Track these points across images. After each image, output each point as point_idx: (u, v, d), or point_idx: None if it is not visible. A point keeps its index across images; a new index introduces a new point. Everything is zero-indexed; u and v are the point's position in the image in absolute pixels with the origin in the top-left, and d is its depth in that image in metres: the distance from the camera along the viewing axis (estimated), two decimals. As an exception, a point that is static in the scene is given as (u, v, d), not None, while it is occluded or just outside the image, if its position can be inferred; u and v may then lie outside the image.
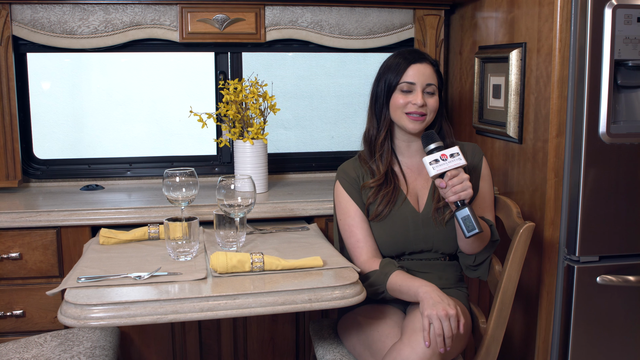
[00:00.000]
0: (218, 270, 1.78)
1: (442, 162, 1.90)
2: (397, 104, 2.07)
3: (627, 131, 2.28)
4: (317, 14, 2.90)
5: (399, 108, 2.07)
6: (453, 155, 1.91)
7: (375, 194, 2.10)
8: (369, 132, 2.17)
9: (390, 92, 2.09)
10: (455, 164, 1.90)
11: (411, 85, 2.06)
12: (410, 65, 2.06)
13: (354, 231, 2.10)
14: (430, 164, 1.91)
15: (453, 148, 1.92)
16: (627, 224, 2.34)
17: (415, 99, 2.04)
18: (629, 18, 2.22)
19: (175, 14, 2.79)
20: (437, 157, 1.91)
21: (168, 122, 3.18)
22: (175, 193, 2.07)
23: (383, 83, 2.10)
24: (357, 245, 2.09)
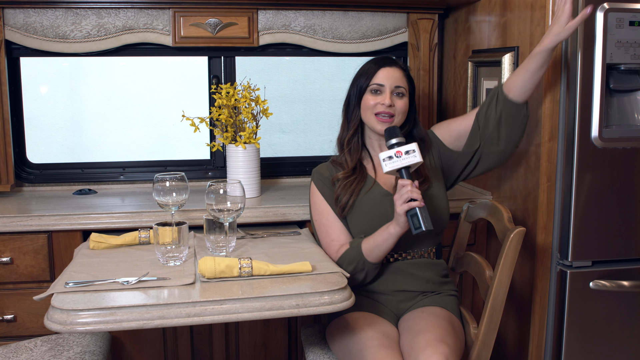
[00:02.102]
0: (206, 276, 1.78)
1: (395, 159, 1.92)
2: (367, 105, 2.15)
3: (620, 135, 2.27)
4: (310, 18, 2.90)
5: (368, 109, 2.15)
6: (408, 153, 1.92)
7: (342, 187, 2.16)
8: (341, 135, 2.27)
9: (361, 94, 2.18)
10: (409, 162, 1.92)
11: (380, 87, 2.14)
12: (380, 69, 2.16)
13: (329, 231, 2.15)
14: (383, 161, 1.93)
15: (410, 145, 1.94)
16: (620, 228, 2.33)
17: (384, 99, 2.12)
18: (620, 22, 2.21)
19: (167, 18, 2.79)
20: (391, 154, 1.93)
21: (165, 126, 3.18)
22: (166, 198, 2.06)
23: (355, 87, 2.20)
24: (332, 244, 2.14)
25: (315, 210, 2.20)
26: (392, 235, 1.97)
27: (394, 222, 1.96)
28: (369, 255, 2.03)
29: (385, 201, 2.13)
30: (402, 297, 2.13)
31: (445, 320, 2.01)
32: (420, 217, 1.86)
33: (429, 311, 2.05)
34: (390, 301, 2.14)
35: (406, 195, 1.88)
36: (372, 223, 2.10)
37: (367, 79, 2.17)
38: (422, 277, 2.15)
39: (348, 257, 2.05)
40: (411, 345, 1.88)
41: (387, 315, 2.09)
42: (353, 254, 2.05)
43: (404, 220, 1.91)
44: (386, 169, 1.93)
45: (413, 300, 2.13)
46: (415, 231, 1.87)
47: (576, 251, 2.30)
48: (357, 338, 1.95)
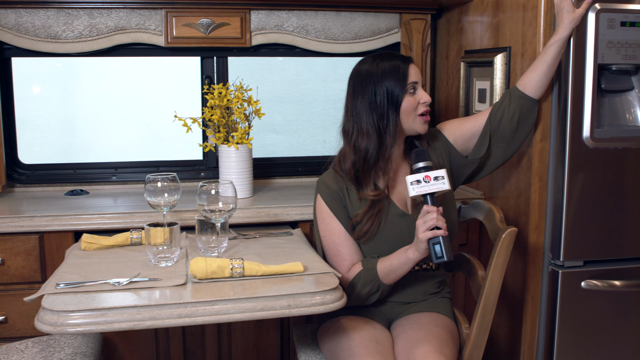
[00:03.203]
0: (197, 276, 1.77)
1: (424, 184, 1.86)
2: (410, 108, 1.99)
3: (611, 135, 2.28)
4: (303, 19, 2.90)
5: (412, 111, 2.00)
6: (437, 179, 1.86)
7: (366, 212, 2.01)
8: (369, 147, 1.99)
9: (399, 98, 1.97)
10: (437, 188, 1.86)
11: (415, 85, 1.99)
12: (410, 65, 2.00)
13: (340, 250, 2.03)
14: (411, 184, 1.87)
15: (440, 171, 1.86)
16: (611, 228, 2.34)
17: (423, 97, 1.99)
18: (612, 22, 2.22)
19: (160, 19, 2.78)
20: (419, 178, 1.86)
21: (159, 127, 3.17)
22: (157, 198, 2.06)
23: (384, 90, 1.97)
24: (343, 264, 2.03)
25: (323, 227, 2.06)
26: (410, 261, 1.90)
27: (413, 247, 1.88)
28: (385, 278, 1.96)
29: (400, 223, 2.04)
30: (396, 304, 2.12)
31: (442, 328, 2.00)
32: (442, 247, 1.81)
33: (426, 319, 2.03)
34: (384, 307, 2.12)
35: (431, 222, 1.81)
36: (387, 245, 2.02)
37: (402, 79, 1.97)
38: (420, 288, 2.12)
39: (363, 279, 1.97)
40: (409, 356, 1.87)
41: (379, 319, 2.08)
42: (368, 276, 1.97)
43: (425, 247, 1.84)
44: (413, 193, 1.86)
45: (407, 306, 2.12)
46: (436, 260, 1.82)
47: (568, 251, 2.30)
48: (346, 344, 1.93)
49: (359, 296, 1.99)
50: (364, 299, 2.01)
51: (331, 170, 2.09)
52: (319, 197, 2.06)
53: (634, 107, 2.34)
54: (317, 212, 2.08)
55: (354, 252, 2.03)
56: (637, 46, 2.24)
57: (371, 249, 2.03)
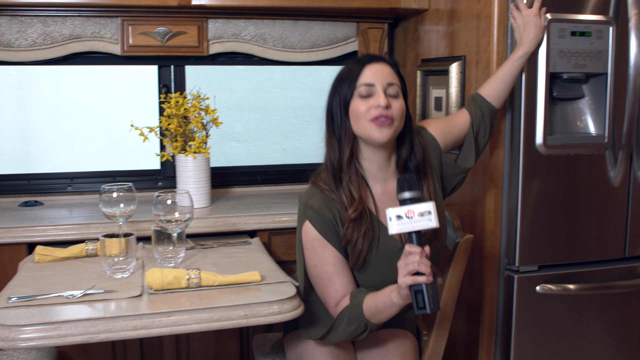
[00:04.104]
0: (154, 287, 1.75)
1: (406, 220, 1.58)
2: (359, 112, 1.77)
3: (563, 142, 2.32)
4: (261, 27, 2.90)
5: (361, 116, 1.77)
6: (423, 215, 1.58)
7: (353, 230, 1.79)
8: (331, 157, 1.85)
9: (347, 102, 1.80)
10: (422, 226, 1.59)
11: (370, 88, 1.77)
12: (366, 66, 1.79)
13: (334, 280, 1.82)
14: (390, 220, 1.59)
15: (427, 204, 1.58)
16: (565, 233, 2.38)
17: (378, 100, 1.75)
18: (563, 32, 2.27)
19: (116, 27, 2.76)
20: (401, 213, 1.58)
21: (117, 135, 3.13)
22: (113, 209, 2.04)
23: (338, 97, 1.82)
24: (335, 295, 1.82)
25: (315, 257, 1.83)
26: (394, 305, 1.67)
27: (397, 290, 1.64)
28: (372, 318, 1.74)
29: (395, 253, 1.80)
30: None
31: (408, 350, 1.97)
32: (425, 296, 1.55)
33: (392, 342, 1.97)
34: None
35: (412, 266, 1.55)
36: (383, 281, 1.78)
37: (351, 81, 1.79)
38: None
39: (348, 316, 1.77)
40: None
41: None
42: (354, 314, 1.76)
43: (406, 294, 1.59)
44: (392, 230, 1.59)
45: None
46: (417, 311, 1.57)
47: (523, 256, 2.34)
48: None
49: (345, 333, 1.80)
50: (349, 335, 1.81)
51: (313, 189, 1.87)
52: (308, 224, 1.82)
53: (584, 114, 2.39)
54: (306, 240, 1.84)
55: (349, 282, 1.83)
56: (586, 55, 2.30)
57: (364, 284, 1.85)
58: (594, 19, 2.31)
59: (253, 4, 2.66)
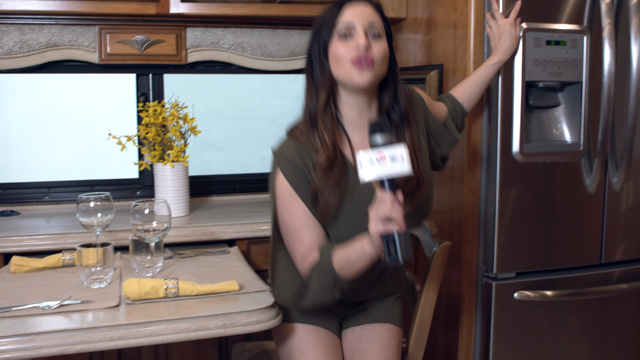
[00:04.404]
0: (131, 297, 1.74)
1: (377, 164, 1.48)
2: (338, 54, 1.69)
3: (539, 150, 2.35)
4: (239, 36, 2.90)
5: (341, 58, 1.69)
6: (395, 159, 1.48)
7: (323, 178, 1.70)
8: (308, 104, 1.78)
9: (326, 44, 1.72)
10: (393, 172, 1.49)
11: (350, 28, 1.68)
12: (346, 5, 1.71)
13: (300, 235, 1.75)
14: (360, 164, 1.49)
15: (397, 149, 1.48)
16: (542, 240, 2.41)
17: (358, 40, 1.67)
18: (538, 41, 2.29)
19: (94, 35, 2.74)
20: (372, 157, 1.48)
21: (96, 144, 3.11)
22: (90, 218, 2.02)
23: (317, 40, 1.74)
24: (301, 249, 1.76)
25: (283, 207, 1.77)
26: (366, 255, 1.58)
27: (369, 240, 1.56)
28: (341, 272, 1.65)
29: (370, 196, 1.63)
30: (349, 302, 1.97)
31: (394, 346, 1.94)
32: (397, 245, 1.46)
33: (379, 338, 1.93)
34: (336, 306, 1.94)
35: (383, 213, 1.47)
36: (360, 229, 1.64)
37: (330, 21, 1.70)
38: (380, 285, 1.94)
39: (319, 271, 1.70)
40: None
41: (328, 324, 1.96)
42: (324, 268, 1.68)
43: (378, 243, 1.51)
44: (363, 176, 1.49)
45: (362, 306, 1.99)
46: (389, 261, 1.48)
47: (500, 263, 2.36)
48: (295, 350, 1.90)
49: (319, 291, 1.73)
50: (322, 293, 1.73)
51: (288, 139, 1.81)
52: (279, 173, 1.76)
53: (560, 122, 2.42)
54: (277, 190, 1.78)
55: (317, 236, 1.75)
56: (561, 64, 2.33)
57: (340, 236, 1.75)
58: (568, 28, 2.34)
59: (232, 12, 2.66)
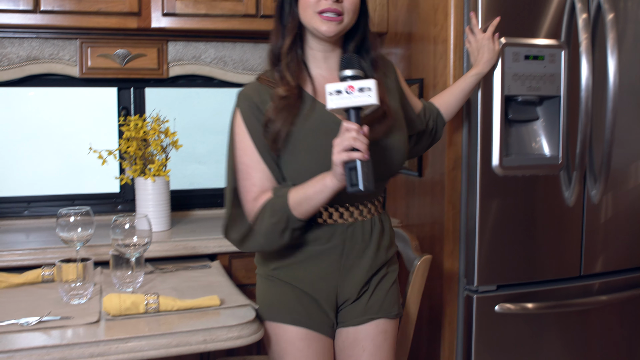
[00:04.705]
0: (111, 313, 1.73)
1: (345, 95, 1.53)
2: (307, 2, 1.70)
3: (519, 164, 2.37)
4: (221, 50, 2.91)
5: (309, 6, 1.70)
6: (363, 90, 1.53)
7: (274, 110, 1.71)
8: (273, 45, 1.79)
9: None
10: (361, 102, 1.53)
11: None
12: None
13: (250, 173, 1.75)
14: (330, 95, 1.54)
15: (366, 81, 1.54)
16: (523, 253, 2.42)
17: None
18: (517, 56, 2.32)
19: (75, 49, 2.74)
20: (340, 88, 1.54)
21: (77, 158, 3.09)
22: (70, 233, 2.01)
23: None
24: (252, 189, 1.75)
25: (236, 144, 1.77)
26: (327, 188, 1.60)
27: (331, 172, 1.58)
28: (296, 208, 1.65)
29: (334, 129, 1.62)
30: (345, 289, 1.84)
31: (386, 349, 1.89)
32: (359, 173, 1.49)
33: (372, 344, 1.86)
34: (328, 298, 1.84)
35: (348, 142, 1.50)
36: (319, 161, 1.67)
37: None
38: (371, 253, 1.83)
39: (271, 208, 1.68)
40: None
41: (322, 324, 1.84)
42: (277, 204, 1.67)
43: (340, 172, 1.53)
44: (331, 105, 1.54)
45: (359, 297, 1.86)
46: (350, 189, 1.51)
47: (481, 276, 2.37)
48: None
49: (266, 228, 1.71)
50: (270, 233, 1.71)
51: (252, 81, 1.83)
52: (237, 111, 1.78)
53: (539, 135, 2.45)
54: (234, 127, 1.79)
55: (267, 178, 1.74)
56: (540, 78, 2.35)
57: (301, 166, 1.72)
58: (546, 43, 2.37)
59: (213, 27, 2.67)
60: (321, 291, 1.82)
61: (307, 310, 1.82)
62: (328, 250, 1.79)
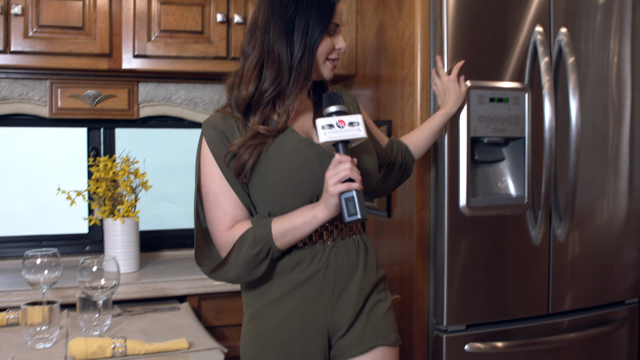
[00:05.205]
0: (77, 358, 1.71)
1: (337, 129, 1.59)
2: (326, 50, 1.71)
3: (485, 204, 2.40)
4: (192, 91, 2.93)
5: (324, 54, 1.71)
6: (353, 125, 1.59)
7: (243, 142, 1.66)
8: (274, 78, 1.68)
9: (319, 35, 1.69)
10: (352, 135, 1.59)
11: (337, 27, 1.73)
12: (336, 5, 1.71)
13: (220, 202, 1.69)
14: (322, 128, 1.58)
15: (355, 116, 1.60)
16: (491, 292, 2.44)
17: (340, 43, 1.73)
18: (482, 98, 2.37)
19: (45, 89, 2.74)
20: (332, 122, 1.59)
21: (46, 198, 3.07)
22: (37, 275, 1.99)
23: (306, 20, 1.67)
24: (224, 218, 1.69)
25: (204, 174, 1.72)
26: (316, 219, 1.61)
27: (321, 204, 1.60)
28: (279, 239, 1.63)
29: (307, 150, 1.69)
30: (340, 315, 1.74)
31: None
32: (357, 202, 1.55)
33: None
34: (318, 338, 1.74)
35: (345, 173, 1.54)
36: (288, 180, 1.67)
37: (327, 16, 1.69)
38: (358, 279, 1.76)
39: (251, 238, 1.63)
40: None
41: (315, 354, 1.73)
42: (259, 234, 1.63)
43: (335, 204, 1.56)
44: (324, 138, 1.57)
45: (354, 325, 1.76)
46: (348, 218, 1.55)
47: (451, 316, 2.38)
48: None
49: (245, 259, 1.65)
50: (248, 264, 1.65)
51: (217, 112, 1.78)
52: (203, 139, 1.73)
53: (505, 176, 2.49)
54: (200, 157, 1.74)
55: (238, 207, 1.69)
56: (505, 120, 2.41)
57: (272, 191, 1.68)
58: (510, 86, 2.43)
59: (184, 69, 2.70)
60: (310, 333, 1.71)
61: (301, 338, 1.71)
62: (313, 276, 1.70)
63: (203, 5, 2.71)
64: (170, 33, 2.67)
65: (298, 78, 1.68)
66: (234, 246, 1.65)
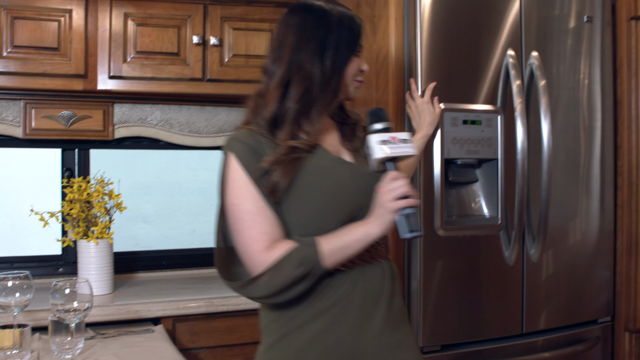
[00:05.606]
0: (48, 382, 1.69)
1: (392, 144, 1.56)
2: (354, 71, 1.70)
3: (460, 225, 2.43)
4: (167, 112, 2.93)
5: (351, 74, 1.69)
6: (406, 141, 1.57)
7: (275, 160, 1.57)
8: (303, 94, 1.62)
9: (348, 55, 1.67)
10: (406, 152, 1.56)
11: (361, 49, 1.72)
12: (362, 28, 1.72)
13: (257, 221, 1.56)
14: (377, 144, 1.55)
15: (405, 133, 1.58)
16: (466, 312, 2.46)
17: (364, 65, 1.73)
18: (455, 121, 2.40)
19: (18, 110, 2.72)
20: (386, 138, 1.56)
21: (18, 219, 3.03)
22: (7, 298, 1.96)
23: (337, 40, 1.65)
24: (261, 238, 1.55)
25: (235, 193, 1.58)
26: (368, 236, 1.55)
27: (375, 221, 1.55)
28: (328, 258, 1.54)
29: (342, 170, 1.65)
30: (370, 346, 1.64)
31: None
32: (417, 218, 1.53)
33: None
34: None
35: (402, 190, 1.51)
36: (326, 199, 1.60)
37: (356, 37, 1.68)
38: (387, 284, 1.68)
39: (296, 258, 1.52)
40: None
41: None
42: (305, 254, 1.53)
43: (391, 221, 1.52)
44: (380, 154, 1.54)
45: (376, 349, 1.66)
46: (408, 234, 1.51)
47: (426, 336, 2.38)
48: None
49: (285, 280, 1.53)
50: (287, 285, 1.54)
51: (241, 129, 1.65)
52: (232, 156, 1.58)
53: (478, 197, 2.52)
54: (229, 174, 1.59)
55: (275, 225, 1.57)
56: (478, 142, 2.44)
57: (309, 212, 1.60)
58: (483, 108, 2.46)
59: (160, 90, 2.70)
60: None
61: None
62: (338, 301, 1.60)
63: (179, 27, 2.72)
64: (146, 54, 2.68)
65: (326, 96, 1.64)
66: (274, 266, 1.53)
